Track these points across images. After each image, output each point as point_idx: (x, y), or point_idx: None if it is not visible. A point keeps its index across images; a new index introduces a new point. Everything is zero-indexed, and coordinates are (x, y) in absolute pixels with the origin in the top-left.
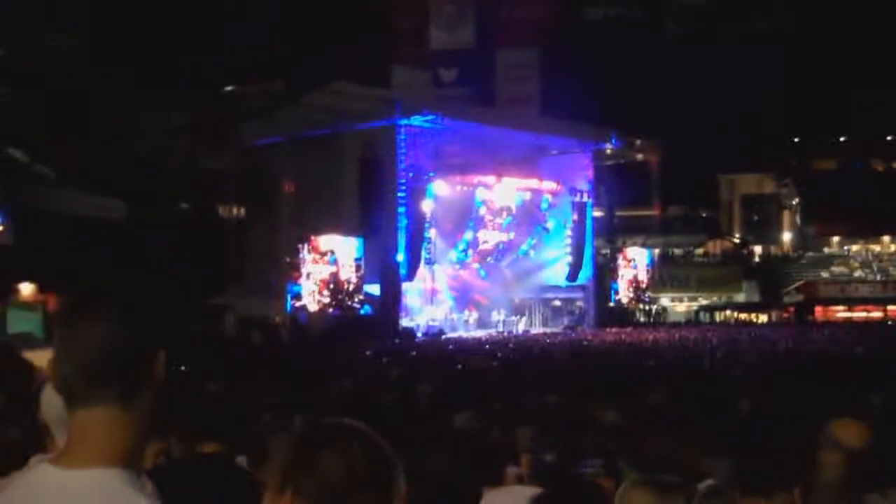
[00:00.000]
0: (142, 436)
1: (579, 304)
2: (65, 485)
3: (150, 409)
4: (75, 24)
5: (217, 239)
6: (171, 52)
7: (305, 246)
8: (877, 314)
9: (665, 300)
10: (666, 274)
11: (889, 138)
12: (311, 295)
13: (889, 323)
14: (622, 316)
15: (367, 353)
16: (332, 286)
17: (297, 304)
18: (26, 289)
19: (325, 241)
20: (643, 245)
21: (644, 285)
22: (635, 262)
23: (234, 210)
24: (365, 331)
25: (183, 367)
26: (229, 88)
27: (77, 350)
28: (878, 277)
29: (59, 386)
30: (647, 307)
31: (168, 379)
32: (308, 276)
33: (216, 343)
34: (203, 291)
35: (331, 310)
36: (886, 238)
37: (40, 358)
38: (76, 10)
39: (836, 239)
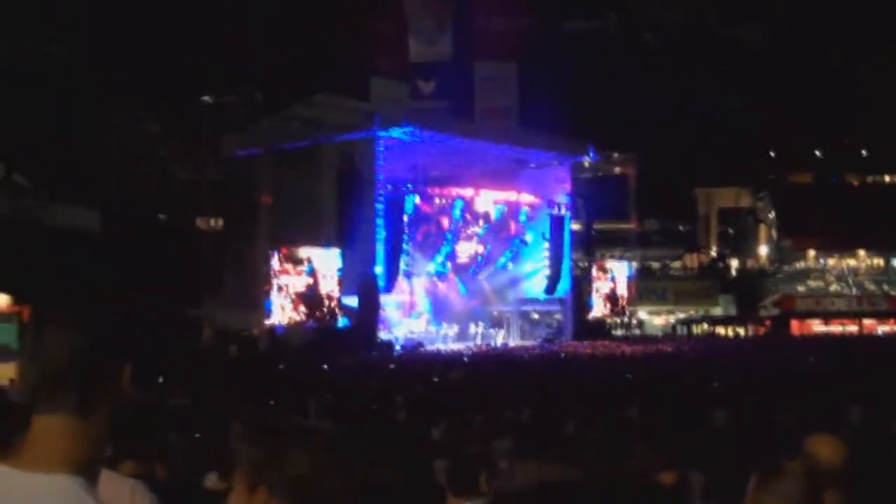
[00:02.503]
0: (98, 446)
1: (557, 316)
2: (21, 485)
3: (108, 420)
4: (51, 32)
5: (194, 250)
6: (149, 61)
7: (277, 255)
8: (852, 328)
9: (642, 313)
10: (643, 287)
11: (864, 153)
12: (280, 308)
13: (865, 337)
14: (599, 329)
15: (346, 365)
16: (308, 298)
17: (271, 317)
18: (1, 300)
19: (302, 252)
20: (620, 258)
21: (622, 298)
22: (613, 274)
23: (212, 222)
24: (343, 343)
25: (161, 379)
26: (208, 99)
27: (41, 357)
28: (854, 291)
29: (24, 391)
30: (624, 320)
31: (142, 392)
32: (280, 288)
33: (193, 355)
34: (179, 303)
35: (308, 322)
36: (862, 252)
37: (15, 370)
38: (52, 18)
39: (812, 253)
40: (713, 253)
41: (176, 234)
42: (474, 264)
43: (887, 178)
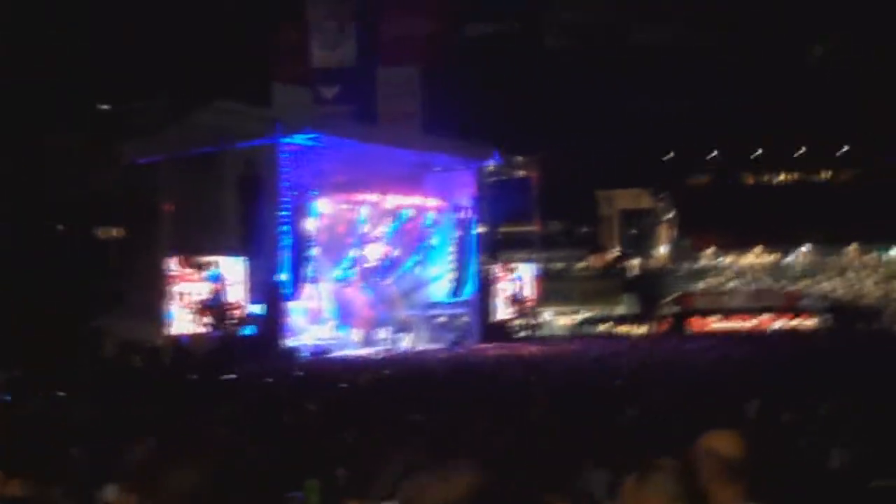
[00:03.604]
0: None
1: (465, 319)
2: None
3: None
4: None
5: (95, 261)
6: (48, 69)
7: (176, 263)
8: (751, 323)
9: (547, 314)
10: (548, 288)
11: (759, 153)
12: (182, 317)
13: (763, 332)
14: (506, 331)
15: (251, 374)
16: (212, 307)
17: (172, 327)
18: None
19: (204, 259)
20: (526, 260)
21: (527, 300)
22: (518, 276)
23: (113, 231)
24: (248, 352)
25: (61, 393)
26: (108, 107)
27: None
28: (752, 288)
29: None
30: (530, 321)
31: (40, 406)
32: (181, 296)
33: (95, 367)
34: (80, 315)
35: (213, 331)
36: (759, 249)
37: None
38: None
39: (710, 251)
40: (616, 253)
41: (75, 245)
42: (381, 268)
43: (782, 177)
